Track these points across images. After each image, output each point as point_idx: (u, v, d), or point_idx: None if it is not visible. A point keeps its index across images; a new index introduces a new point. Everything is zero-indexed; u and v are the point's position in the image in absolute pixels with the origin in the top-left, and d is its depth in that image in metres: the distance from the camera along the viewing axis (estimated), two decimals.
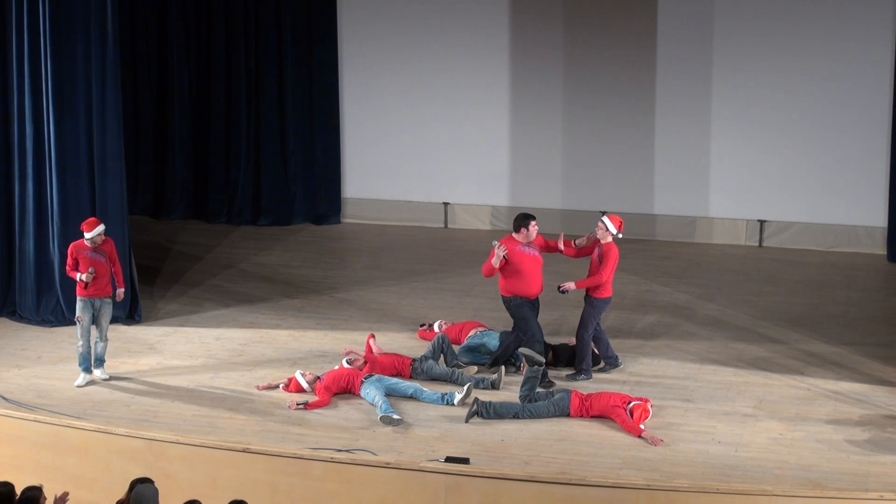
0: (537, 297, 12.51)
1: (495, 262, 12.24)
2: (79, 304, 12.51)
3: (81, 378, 12.56)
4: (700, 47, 17.09)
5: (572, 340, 12.99)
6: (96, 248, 12.45)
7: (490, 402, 11.77)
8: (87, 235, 12.40)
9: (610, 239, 12.44)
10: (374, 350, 12.98)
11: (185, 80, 18.81)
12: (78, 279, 12.42)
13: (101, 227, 12.47)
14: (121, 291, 12.72)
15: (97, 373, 12.64)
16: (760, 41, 16.87)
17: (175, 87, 18.79)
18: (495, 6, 17.78)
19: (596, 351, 12.90)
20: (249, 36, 18.45)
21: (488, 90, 18.00)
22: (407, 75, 18.29)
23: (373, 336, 13.17)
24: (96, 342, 12.62)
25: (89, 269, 12.34)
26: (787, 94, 16.91)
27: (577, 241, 12.64)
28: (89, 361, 12.58)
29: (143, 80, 18.91)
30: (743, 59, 16.98)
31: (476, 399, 11.75)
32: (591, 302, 12.50)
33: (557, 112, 17.78)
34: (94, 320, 12.56)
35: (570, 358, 12.86)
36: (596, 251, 12.50)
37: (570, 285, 12.45)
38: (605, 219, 12.45)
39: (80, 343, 12.53)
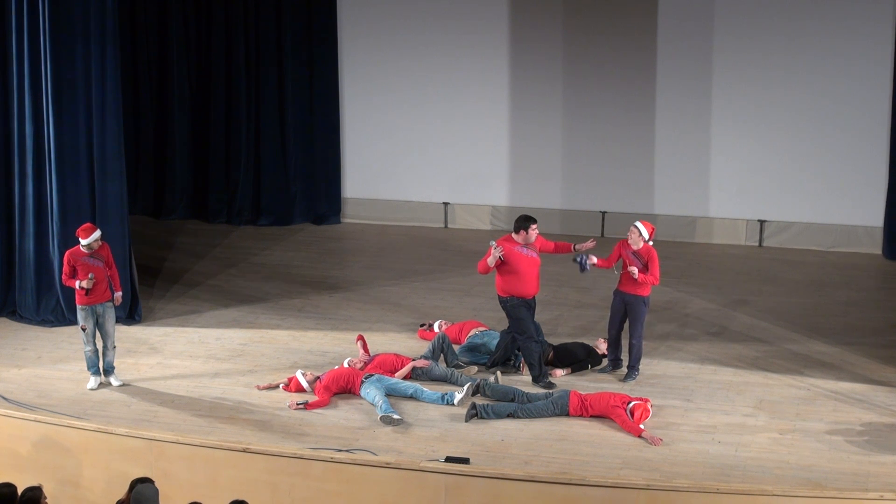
0: (534, 298, 12.51)
1: (491, 261, 12.25)
2: (80, 313, 12.40)
3: (93, 381, 12.52)
4: (700, 47, 17.10)
5: (600, 342, 13.00)
6: (93, 253, 12.36)
7: (486, 404, 11.78)
8: (84, 242, 12.28)
9: (642, 244, 12.38)
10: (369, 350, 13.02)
11: (185, 80, 18.82)
12: (77, 287, 12.29)
13: (97, 233, 12.35)
14: (118, 295, 12.65)
15: (111, 380, 12.59)
16: (760, 41, 16.89)
17: (175, 87, 18.80)
18: (495, 6, 17.79)
19: (604, 350, 12.91)
20: (249, 36, 18.47)
21: (488, 90, 18.01)
22: (407, 75, 18.30)
23: (362, 338, 13.13)
24: (105, 351, 12.54)
25: (89, 276, 12.28)
26: (787, 94, 16.92)
27: (577, 246, 12.58)
28: (98, 365, 12.55)
29: (143, 80, 18.92)
30: (743, 59, 16.99)
31: (472, 403, 11.76)
32: (644, 300, 12.48)
33: (557, 112, 17.79)
34: (98, 325, 12.51)
35: (571, 359, 12.85)
36: (627, 252, 12.40)
37: (634, 270, 12.30)
38: (640, 224, 12.37)
39: (88, 348, 12.48)
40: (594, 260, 12.40)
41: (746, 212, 17.37)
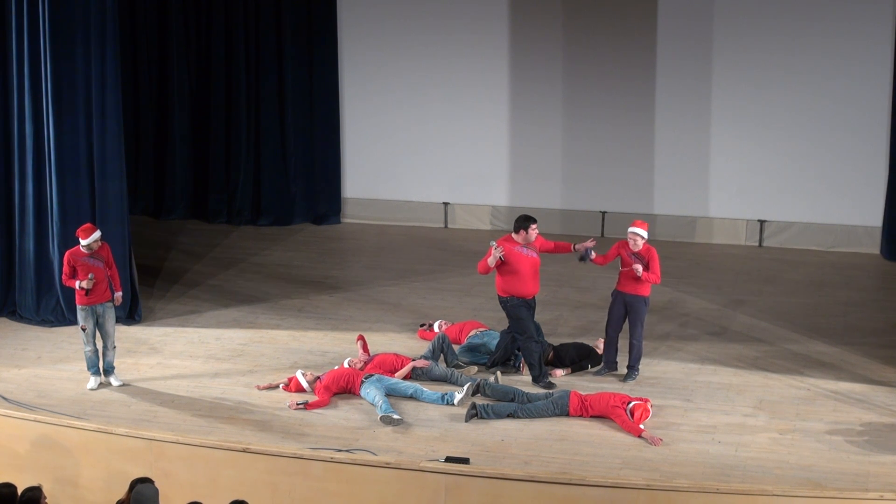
0: (534, 297, 12.51)
1: (491, 261, 12.26)
2: (80, 314, 12.40)
3: (93, 381, 12.52)
4: (700, 47, 17.10)
5: (600, 342, 12.99)
6: (93, 253, 12.35)
7: (487, 404, 11.79)
8: (84, 242, 12.27)
9: (643, 244, 12.36)
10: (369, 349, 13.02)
11: (185, 80, 18.82)
12: (77, 287, 12.30)
13: (97, 234, 12.35)
14: (118, 295, 12.65)
15: (111, 380, 12.59)
16: (760, 41, 16.88)
17: (175, 87, 18.80)
18: (495, 6, 17.78)
19: (601, 351, 12.91)
20: (249, 36, 18.46)
21: (488, 90, 18.00)
22: (407, 75, 18.30)
23: (362, 337, 13.13)
24: (105, 351, 12.54)
25: (89, 276, 12.28)
26: (786, 94, 16.91)
27: (577, 246, 12.58)
28: (98, 365, 12.55)
29: (143, 80, 18.92)
30: (743, 59, 16.98)
31: (472, 403, 11.76)
32: (645, 301, 12.49)
33: (557, 112, 17.79)
34: (98, 326, 12.51)
35: (573, 358, 12.85)
36: (627, 252, 12.39)
37: (639, 268, 12.28)
38: (636, 229, 12.32)
39: (88, 349, 12.47)
40: (593, 255, 12.41)
41: (746, 212, 17.37)
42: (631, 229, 12.34)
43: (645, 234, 12.34)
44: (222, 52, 18.62)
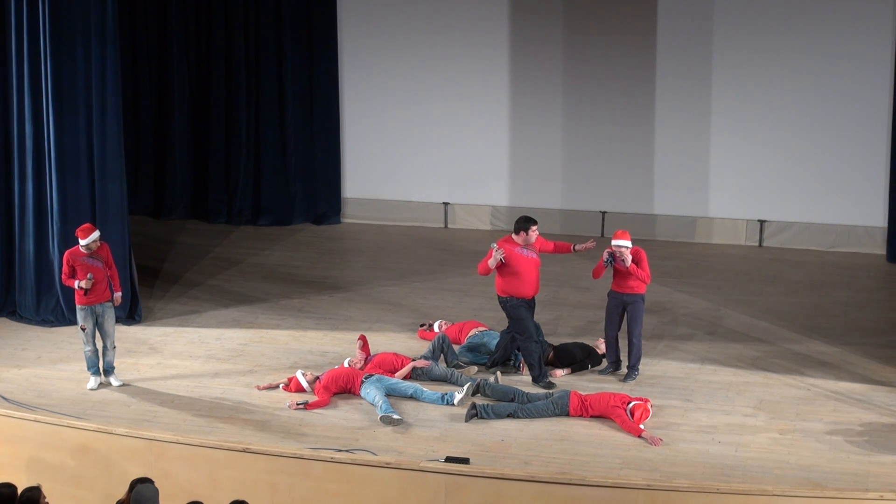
0: (533, 298, 12.51)
1: (492, 263, 12.26)
2: (79, 313, 12.40)
3: (93, 381, 12.52)
4: (700, 47, 17.10)
5: (600, 342, 12.99)
6: (92, 253, 12.36)
7: (487, 404, 11.79)
8: (83, 242, 12.28)
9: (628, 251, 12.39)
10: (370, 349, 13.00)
11: (185, 80, 18.82)
12: (77, 287, 12.30)
13: (96, 234, 12.36)
14: (118, 296, 12.65)
15: (111, 380, 12.59)
16: (760, 41, 16.88)
17: (175, 87, 18.79)
18: (495, 6, 17.78)
19: (602, 351, 12.91)
20: (249, 36, 18.46)
21: (488, 90, 18.00)
22: (407, 75, 18.30)
23: (363, 337, 13.11)
24: (105, 351, 12.54)
25: (88, 276, 12.27)
26: (787, 94, 16.91)
27: (577, 246, 12.59)
28: (97, 365, 12.55)
29: (143, 80, 18.92)
30: (743, 59, 16.98)
31: (472, 403, 11.76)
32: (643, 298, 12.51)
33: (557, 112, 17.78)
34: (98, 325, 12.51)
35: (571, 359, 12.85)
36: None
37: (628, 259, 12.27)
38: (620, 241, 12.29)
39: (88, 348, 12.48)
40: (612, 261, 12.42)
41: (746, 212, 17.37)
42: (615, 242, 12.34)
43: (629, 243, 12.34)
44: (222, 52, 18.62)
